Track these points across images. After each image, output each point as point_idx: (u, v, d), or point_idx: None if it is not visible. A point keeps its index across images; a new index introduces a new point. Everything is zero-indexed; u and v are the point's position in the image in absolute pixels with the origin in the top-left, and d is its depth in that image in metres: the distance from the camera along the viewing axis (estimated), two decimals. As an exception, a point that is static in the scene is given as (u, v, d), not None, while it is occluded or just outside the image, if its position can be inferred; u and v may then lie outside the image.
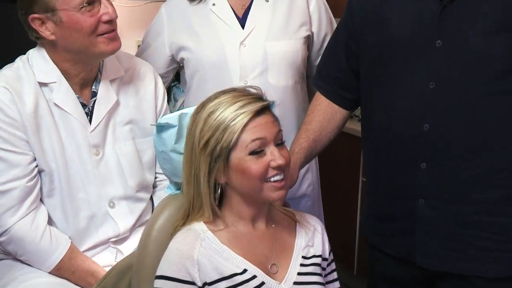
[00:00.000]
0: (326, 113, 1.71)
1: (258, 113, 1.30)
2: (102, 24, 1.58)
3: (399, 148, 1.50)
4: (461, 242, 1.47)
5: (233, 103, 1.31)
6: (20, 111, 1.57)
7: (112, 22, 1.61)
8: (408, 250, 1.53)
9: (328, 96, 1.71)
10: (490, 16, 1.38)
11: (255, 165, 1.30)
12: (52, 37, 1.58)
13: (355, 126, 2.81)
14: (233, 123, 1.29)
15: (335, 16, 2.10)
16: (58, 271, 1.61)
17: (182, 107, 2.39)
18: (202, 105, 1.35)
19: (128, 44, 1.71)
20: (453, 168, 1.44)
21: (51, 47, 1.62)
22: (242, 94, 1.34)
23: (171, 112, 1.89)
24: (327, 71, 1.73)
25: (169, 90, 2.18)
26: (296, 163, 1.62)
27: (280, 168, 1.31)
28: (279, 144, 1.34)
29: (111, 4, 1.60)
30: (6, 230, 1.57)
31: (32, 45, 1.69)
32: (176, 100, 2.34)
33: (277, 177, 1.32)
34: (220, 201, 1.38)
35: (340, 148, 2.17)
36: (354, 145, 2.89)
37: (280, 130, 1.35)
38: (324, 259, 1.46)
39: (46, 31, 1.58)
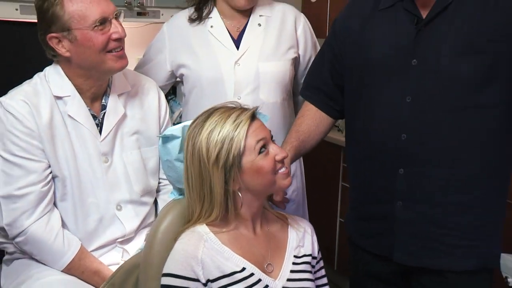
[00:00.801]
0: (314, 118, 1.71)
1: (251, 119, 1.33)
2: (112, 42, 1.59)
3: (380, 155, 1.51)
4: (433, 240, 1.48)
5: (227, 117, 1.32)
6: (37, 123, 1.56)
7: (121, 40, 1.61)
8: (387, 248, 1.54)
9: (316, 104, 1.71)
10: (458, 40, 1.40)
11: (265, 162, 1.32)
12: (67, 54, 1.58)
13: (336, 136, 2.83)
14: (236, 132, 1.30)
15: (317, 37, 2.12)
16: (69, 270, 1.60)
17: (178, 118, 2.39)
18: (195, 130, 1.34)
19: (130, 62, 1.72)
20: (426, 174, 1.46)
21: (66, 64, 1.62)
22: (229, 109, 1.36)
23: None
24: (313, 83, 1.73)
25: (166, 102, 2.18)
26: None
27: (283, 160, 1.36)
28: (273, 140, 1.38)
29: (121, 24, 1.61)
30: (22, 231, 1.56)
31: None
32: (173, 112, 2.34)
33: (283, 169, 1.36)
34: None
35: (322, 155, 2.18)
36: (335, 153, 2.90)
37: (270, 130, 1.39)
38: (314, 258, 1.47)
39: (62, 48, 1.58)
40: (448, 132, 1.43)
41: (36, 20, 1.64)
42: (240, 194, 1.34)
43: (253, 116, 1.35)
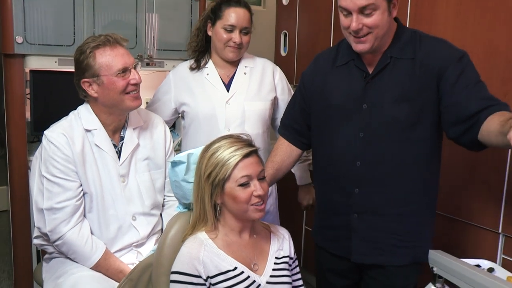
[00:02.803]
0: (286, 151, 1.74)
1: (247, 155, 1.33)
2: (130, 86, 1.63)
3: (340, 178, 1.56)
4: (380, 243, 1.54)
5: (230, 146, 1.33)
6: (72, 150, 1.61)
7: (137, 85, 1.66)
8: (346, 250, 1.59)
9: (288, 140, 1.75)
10: (395, 90, 1.46)
11: (242, 194, 1.32)
12: (95, 95, 1.63)
13: (301, 161, 2.86)
14: (228, 162, 1.32)
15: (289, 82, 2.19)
16: (97, 268, 1.63)
17: (176, 146, 2.41)
18: (207, 147, 1.37)
19: (141, 102, 1.76)
20: (375, 192, 1.51)
21: (94, 102, 1.67)
22: (237, 140, 1.36)
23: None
24: (287, 122, 1.77)
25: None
26: None
27: (260, 197, 1.34)
28: (261, 179, 1.37)
29: (137, 73, 1.67)
30: (61, 236, 1.60)
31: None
32: (172, 142, 2.35)
33: (258, 204, 1.34)
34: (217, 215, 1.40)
35: (291, 177, 2.21)
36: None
37: (263, 170, 1.37)
38: (291, 258, 1.50)
39: (92, 90, 1.63)
40: (391, 160, 1.49)
41: (70, 70, 1.68)
42: (224, 209, 1.36)
43: (251, 153, 1.34)
